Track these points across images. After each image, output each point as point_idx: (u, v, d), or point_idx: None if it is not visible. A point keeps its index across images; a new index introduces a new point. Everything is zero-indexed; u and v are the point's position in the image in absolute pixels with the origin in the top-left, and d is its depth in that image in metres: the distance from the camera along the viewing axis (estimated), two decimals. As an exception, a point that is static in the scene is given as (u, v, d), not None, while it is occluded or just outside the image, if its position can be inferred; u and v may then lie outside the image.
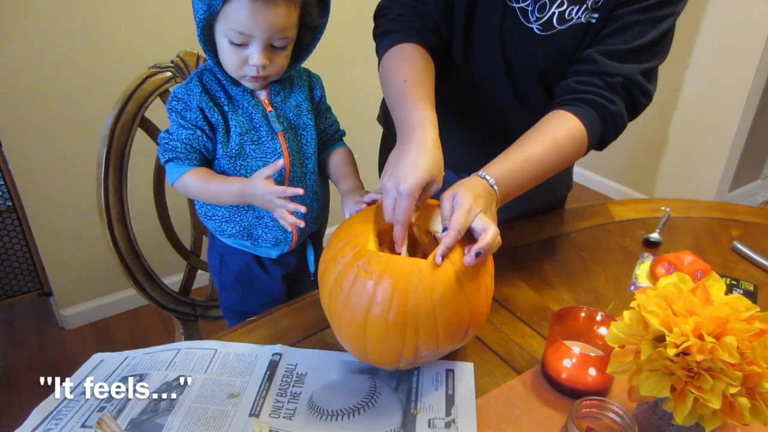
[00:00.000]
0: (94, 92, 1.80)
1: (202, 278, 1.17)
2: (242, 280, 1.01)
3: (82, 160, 1.84)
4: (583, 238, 1.09)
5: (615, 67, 0.85)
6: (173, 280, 1.15)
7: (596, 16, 0.86)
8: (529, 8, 0.87)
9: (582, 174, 3.17)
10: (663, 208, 1.19)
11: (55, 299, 2.03)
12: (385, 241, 0.77)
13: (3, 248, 1.93)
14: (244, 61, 0.80)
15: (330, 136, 0.98)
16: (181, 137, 0.85)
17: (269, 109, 0.88)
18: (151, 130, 1.05)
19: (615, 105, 0.86)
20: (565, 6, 0.85)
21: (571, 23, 0.86)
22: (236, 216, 0.93)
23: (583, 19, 0.86)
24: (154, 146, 1.06)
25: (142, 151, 1.07)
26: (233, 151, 0.87)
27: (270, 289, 1.03)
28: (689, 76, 2.55)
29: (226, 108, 0.85)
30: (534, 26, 0.88)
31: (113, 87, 0.92)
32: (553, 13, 0.86)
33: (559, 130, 0.83)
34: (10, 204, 1.85)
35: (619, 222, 1.15)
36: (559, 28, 0.87)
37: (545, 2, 0.86)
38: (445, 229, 0.69)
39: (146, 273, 1.07)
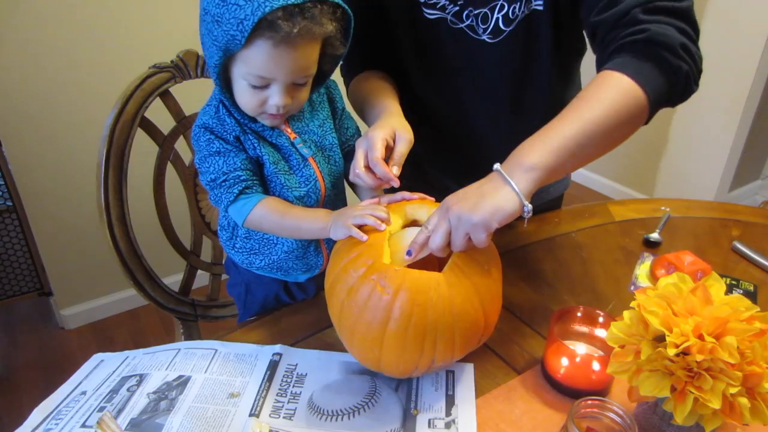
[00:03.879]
0: (94, 92, 1.80)
1: (202, 278, 1.17)
2: (268, 307, 0.98)
3: (82, 160, 1.84)
4: (583, 238, 1.09)
5: (662, 25, 0.73)
6: (173, 280, 1.15)
7: (540, 2, 0.84)
8: (473, 23, 0.87)
9: (582, 174, 3.17)
10: (663, 208, 1.19)
11: (55, 299, 2.03)
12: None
13: (3, 248, 1.93)
14: (264, 101, 0.75)
15: (352, 145, 0.91)
16: (238, 165, 0.78)
17: (293, 136, 0.82)
18: (151, 130, 1.05)
19: (673, 32, 0.71)
20: (506, 9, 0.85)
21: (516, 21, 0.86)
22: (265, 249, 0.89)
23: (527, 11, 0.85)
24: (154, 146, 1.06)
25: (142, 151, 1.07)
26: (270, 177, 0.82)
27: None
28: (689, 76, 2.55)
29: (255, 135, 0.80)
30: (485, 37, 0.88)
31: (113, 87, 0.92)
32: (497, 18, 0.85)
33: (605, 96, 0.70)
34: (10, 204, 1.85)
35: (619, 222, 1.15)
36: (508, 29, 0.86)
37: (486, 12, 0.85)
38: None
39: (146, 273, 1.06)
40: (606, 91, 0.70)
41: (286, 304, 0.96)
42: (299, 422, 0.68)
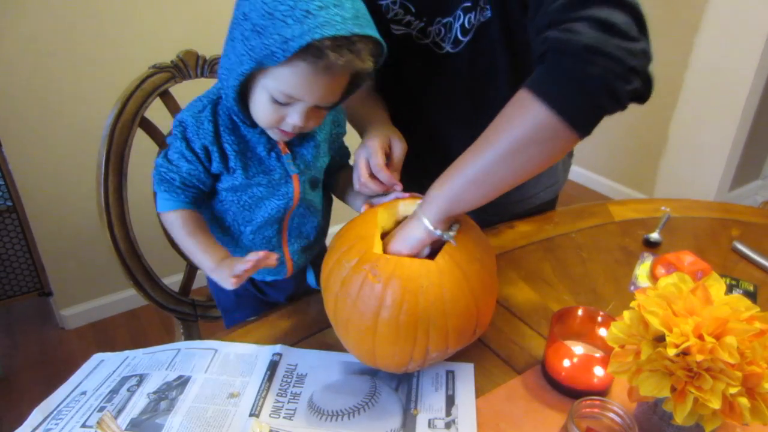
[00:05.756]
0: (94, 92, 1.80)
1: (202, 278, 1.16)
2: (242, 304, 1.01)
3: (82, 160, 1.84)
4: (583, 238, 1.09)
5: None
6: (173, 280, 1.15)
7: (488, 10, 0.83)
8: (439, 35, 0.88)
9: (582, 174, 3.17)
10: (663, 208, 1.19)
11: (55, 299, 2.03)
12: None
13: (3, 248, 1.93)
14: (282, 118, 0.73)
15: (337, 161, 0.95)
16: (181, 170, 0.78)
17: (285, 151, 0.81)
18: (151, 130, 1.05)
19: (578, 34, 0.62)
20: (462, 18, 0.85)
21: (472, 31, 0.85)
22: (228, 247, 0.87)
23: (482, 19, 0.84)
24: (154, 146, 1.06)
25: (142, 151, 1.07)
26: (240, 187, 0.82)
27: (270, 309, 1.02)
28: (689, 76, 2.55)
29: (235, 148, 0.78)
30: (448, 48, 0.89)
31: (113, 87, 0.93)
32: (456, 28, 0.86)
33: (512, 118, 0.67)
34: (10, 204, 1.85)
35: (619, 222, 1.15)
36: (465, 39, 0.86)
37: (450, 21, 0.86)
38: None
39: (146, 273, 1.06)
40: (511, 112, 0.67)
41: (262, 301, 1.00)
42: (299, 422, 0.68)
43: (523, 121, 0.65)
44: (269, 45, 0.65)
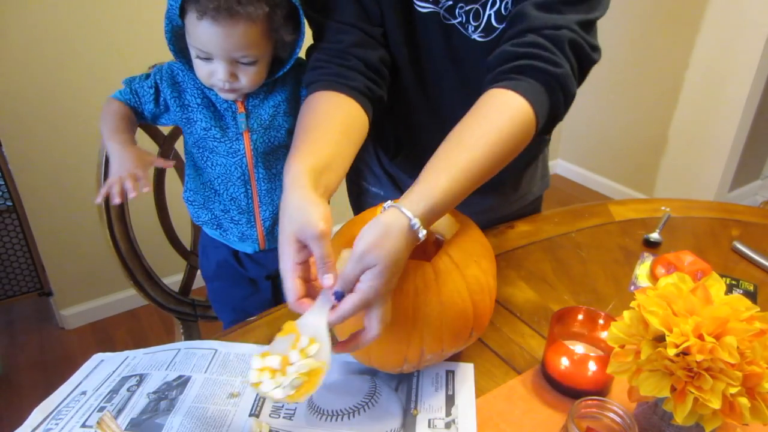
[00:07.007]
0: (95, 92, 1.80)
1: (202, 278, 1.17)
2: (222, 274, 1.03)
3: (82, 159, 1.84)
4: (583, 238, 1.09)
5: (552, 18, 0.72)
6: (173, 280, 1.15)
7: None
8: (463, 19, 0.82)
9: (582, 174, 3.17)
10: (663, 208, 1.19)
11: (55, 299, 2.03)
12: None
13: (3, 248, 1.93)
14: (212, 73, 0.80)
15: None
16: (142, 77, 0.88)
17: (241, 110, 0.87)
18: (152, 130, 1.05)
19: (561, 67, 0.71)
20: (498, 4, 0.79)
21: (509, 18, 0.79)
22: (210, 204, 0.96)
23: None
24: (154, 146, 1.06)
25: (142, 151, 1.07)
26: (198, 141, 0.89)
27: (249, 284, 1.04)
28: (689, 75, 2.55)
29: (198, 101, 0.86)
30: (475, 36, 0.83)
31: (113, 87, 0.93)
32: (489, 15, 0.81)
33: (499, 119, 0.68)
34: (10, 204, 1.85)
35: (619, 222, 1.15)
36: (501, 27, 0.80)
37: (478, 9, 0.80)
38: (337, 295, 0.59)
39: (146, 273, 1.07)
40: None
41: (242, 275, 1.03)
42: (299, 422, 0.68)
43: (522, 139, 0.70)
44: (169, 0, 0.76)
